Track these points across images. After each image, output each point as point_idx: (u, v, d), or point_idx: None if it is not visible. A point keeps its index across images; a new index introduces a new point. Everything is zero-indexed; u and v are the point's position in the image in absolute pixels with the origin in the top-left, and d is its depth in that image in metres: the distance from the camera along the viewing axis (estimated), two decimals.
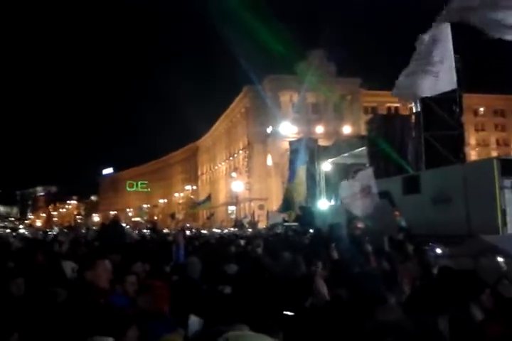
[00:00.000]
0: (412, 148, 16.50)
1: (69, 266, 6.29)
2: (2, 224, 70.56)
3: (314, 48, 63.65)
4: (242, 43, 42.96)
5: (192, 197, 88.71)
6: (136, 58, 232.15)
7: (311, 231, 13.31)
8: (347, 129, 58.32)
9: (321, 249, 7.15)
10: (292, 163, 25.22)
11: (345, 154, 21.13)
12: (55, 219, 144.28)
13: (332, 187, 21.52)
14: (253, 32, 40.08)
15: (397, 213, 11.05)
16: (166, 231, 25.87)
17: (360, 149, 19.30)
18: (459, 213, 10.88)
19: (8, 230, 39.30)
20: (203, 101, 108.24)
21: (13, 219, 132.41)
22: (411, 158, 16.42)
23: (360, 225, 9.87)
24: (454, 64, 11.22)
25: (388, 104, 67.71)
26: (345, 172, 20.36)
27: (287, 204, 24.60)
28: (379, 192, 10.05)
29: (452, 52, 11.16)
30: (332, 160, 22.48)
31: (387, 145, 16.51)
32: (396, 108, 65.24)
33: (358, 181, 10.39)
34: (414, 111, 16.08)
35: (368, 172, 10.61)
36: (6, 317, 3.44)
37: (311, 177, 22.83)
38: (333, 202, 21.09)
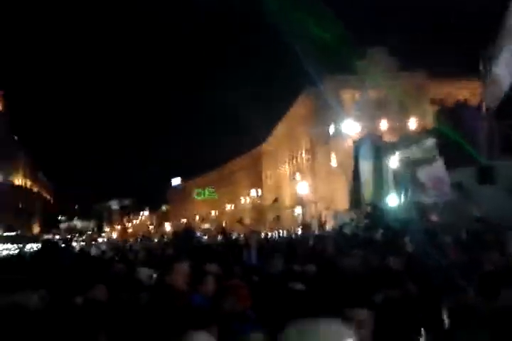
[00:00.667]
0: (483, 138, 15.82)
1: (145, 273, 6.50)
2: (81, 238, 74.77)
3: (374, 45, 62.32)
4: (300, 45, 42.60)
5: (258, 201, 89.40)
6: (195, 67, 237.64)
7: (382, 228, 13.05)
8: (413, 123, 56.57)
9: (393, 245, 6.99)
10: (357, 160, 24.75)
11: (413, 148, 20.51)
12: (130, 230, 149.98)
13: (400, 183, 20.96)
14: (311, 32, 39.81)
15: (471, 204, 10.65)
16: (234, 236, 26.19)
17: (428, 142, 18.70)
18: None
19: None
20: (263, 106, 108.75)
21: (90, 232, 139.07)
22: (483, 148, 15.74)
23: (433, 218, 9.56)
24: None
25: (456, 95, 65.10)
26: (414, 166, 19.79)
27: (355, 203, 24.16)
28: (451, 183, 9.73)
29: None
30: (399, 155, 21.88)
31: (457, 136, 15.93)
32: (465, 98, 62.53)
33: (429, 172, 10.13)
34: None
35: (439, 164, 10.32)
36: (92, 318, 3.58)
37: (378, 173, 22.31)
38: (402, 198, 20.52)
